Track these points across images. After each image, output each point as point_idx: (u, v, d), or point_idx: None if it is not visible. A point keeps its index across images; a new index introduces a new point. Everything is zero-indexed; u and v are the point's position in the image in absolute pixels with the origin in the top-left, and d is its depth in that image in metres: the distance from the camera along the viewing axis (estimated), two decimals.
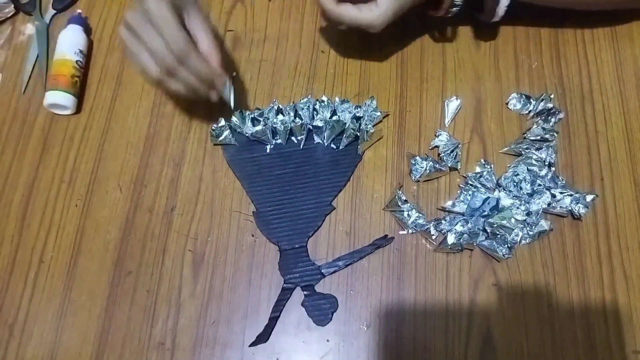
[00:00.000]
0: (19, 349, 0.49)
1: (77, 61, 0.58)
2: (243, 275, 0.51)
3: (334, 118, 0.55)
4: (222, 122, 0.55)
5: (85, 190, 0.55)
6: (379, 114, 0.56)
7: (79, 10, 0.63)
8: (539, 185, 0.51)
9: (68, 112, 0.58)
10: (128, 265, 0.52)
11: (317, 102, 0.55)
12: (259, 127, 0.54)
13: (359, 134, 0.54)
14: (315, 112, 0.55)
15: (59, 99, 0.56)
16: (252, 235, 0.53)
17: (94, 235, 0.53)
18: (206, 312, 0.50)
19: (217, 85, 0.47)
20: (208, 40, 0.45)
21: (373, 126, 0.55)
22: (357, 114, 0.55)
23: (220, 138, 0.55)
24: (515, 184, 0.51)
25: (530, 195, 0.51)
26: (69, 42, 0.59)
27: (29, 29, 0.64)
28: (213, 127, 0.55)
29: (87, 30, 0.62)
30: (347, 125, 0.54)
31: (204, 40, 0.45)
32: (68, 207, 0.54)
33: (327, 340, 0.48)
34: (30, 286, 0.51)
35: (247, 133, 0.55)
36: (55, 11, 0.64)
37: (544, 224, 0.50)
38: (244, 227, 0.53)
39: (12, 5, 0.64)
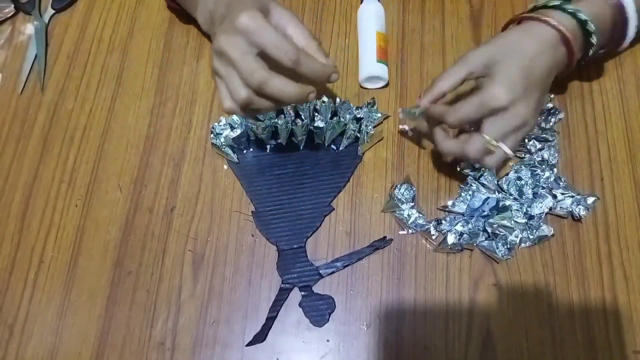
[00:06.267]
0: (19, 349, 0.49)
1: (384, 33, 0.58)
2: (243, 275, 0.51)
3: (335, 119, 0.54)
4: (223, 121, 0.55)
5: (85, 190, 0.55)
6: (379, 115, 0.56)
7: None
8: (542, 188, 0.51)
9: (382, 84, 0.58)
10: (128, 265, 0.52)
11: (318, 103, 0.55)
12: (262, 124, 0.53)
13: (359, 135, 0.54)
14: (316, 113, 0.55)
15: (383, 71, 0.56)
16: (252, 235, 0.53)
17: (94, 235, 0.53)
18: (206, 312, 0.50)
19: (332, 78, 0.43)
20: (303, 33, 0.43)
21: (373, 127, 0.55)
22: (358, 115, 0.55)
23: (223, 148, 0.55)
24: (518, 188, 0.51)
25: (532, 198, 0.51)
26: (374, 15, 0.58)
27: (29, 29, 0.64)
28: (213, 126, 0.55)
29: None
30: (347, 127, 0.54)
31: (299, 34, 0.42)
32: (68, 207, 0.54)
33: (327, 340, 0.48)
34: (30, 286, 0.51)
35: (250, 126, 0.54)
36: (54, 11, 0.64)
37: (546, 229, 0.50)
38: (244, 227, 0.53)
39: (12, 5, 0.64)
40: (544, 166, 0.52)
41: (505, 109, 0.42)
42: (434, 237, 0.51)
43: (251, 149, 0.56)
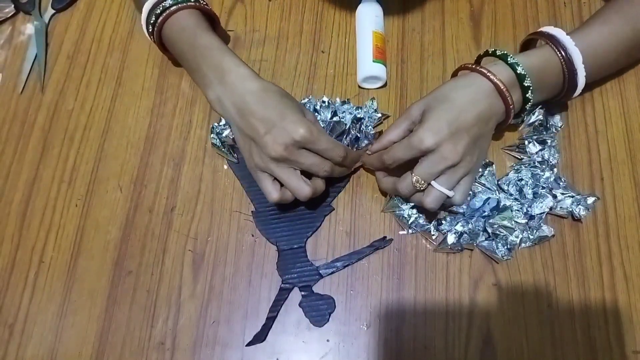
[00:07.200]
0: (19, 349, 0.49)
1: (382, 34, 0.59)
2: (243, 275, 0.51)
3: (335, 119, 0.54)
4: (223, 121, 0.55)
5: (85, 190, 0.55)
6: (379, 115, 0.56)
7: None
8: (542, 188, 0.51)
9: (380, 84, 0.58)
10: (128, 265, 0.52)
11: (318, 103, 0.55)
12: None
13: (359, 135, 0.54)
14: (316, 113, 0.55)
15: (380, 71, 0.56)
16: (252, 235, 0.53)
17: (94, 235, 0.53)
18: (206, 312, 0.50)
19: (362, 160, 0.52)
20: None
21: (373, 127, 0.55)
22: (358, 115, 0.55)
23: (223, 148, 0.55)
24: (518, 188, 0.51)
25: (532, 198, 0.51)
26: (371, 15, 0.59)
27: (29, 28, 0.64)
28: (213, 126, 0.55)
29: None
30: (347, 127, 0.54)
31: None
32: (68, 207, 0.54)
33: (327, 340, 0.48)
34: (30, 286, 0.51)
35: None
36: (54, 11, 0.64)
37: (546, 230, 0.50)
38: (244, 227, 0.53)
39: (12, 5, 0.64)
40: (544, 166, 0.52)
41: (431, 150, 0.44)
42: (434, 237, 0.51)
43: None
